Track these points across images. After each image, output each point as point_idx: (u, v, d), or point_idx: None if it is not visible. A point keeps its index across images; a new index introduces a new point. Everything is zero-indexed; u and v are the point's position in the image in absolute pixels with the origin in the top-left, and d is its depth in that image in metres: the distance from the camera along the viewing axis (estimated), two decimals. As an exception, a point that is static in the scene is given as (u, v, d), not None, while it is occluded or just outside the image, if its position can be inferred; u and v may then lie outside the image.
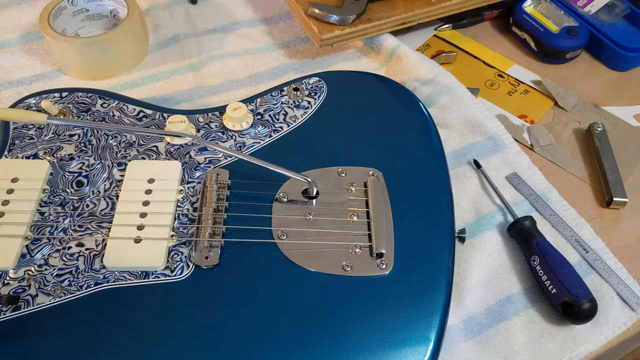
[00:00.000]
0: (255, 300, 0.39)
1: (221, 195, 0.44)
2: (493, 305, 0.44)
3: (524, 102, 0.61)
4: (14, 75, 0.59)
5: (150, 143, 0.47)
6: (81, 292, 0.39)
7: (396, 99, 0.52)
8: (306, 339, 0.37)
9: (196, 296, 0.39)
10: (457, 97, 0.57)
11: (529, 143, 0.56)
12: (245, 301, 0.39)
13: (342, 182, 0.46)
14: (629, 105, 0.61)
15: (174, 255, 0.41)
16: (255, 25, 0.66)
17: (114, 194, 0.44)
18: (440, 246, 0.42)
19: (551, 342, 0.43)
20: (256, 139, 0.48)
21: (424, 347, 0.38)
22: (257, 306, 0.39)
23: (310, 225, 0.43)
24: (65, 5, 0.59)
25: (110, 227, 0.42)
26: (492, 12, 0.69)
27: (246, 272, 0.40)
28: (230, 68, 0.61)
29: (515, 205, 0.50)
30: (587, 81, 0.63)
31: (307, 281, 0.40)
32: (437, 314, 0.39)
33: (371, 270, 0.41)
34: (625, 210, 0.52)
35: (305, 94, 0.52)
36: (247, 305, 0.39)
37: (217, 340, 0.37)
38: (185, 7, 0.67)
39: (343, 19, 0.58)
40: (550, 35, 0.63)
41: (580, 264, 0.47)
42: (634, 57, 0.63)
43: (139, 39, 0.60)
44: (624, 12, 0.66)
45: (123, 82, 0.59)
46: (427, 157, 0.48)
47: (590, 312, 0.42)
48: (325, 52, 0.63)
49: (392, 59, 0.61)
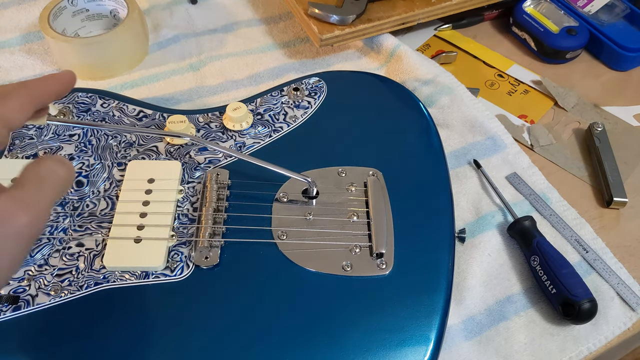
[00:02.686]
0: (255, 300, 0.39)
1: (221, 195, 0.44)
2: (493, 305, 0.44)
3: (524, 102, 0.61)
4: (14, 75, 0.59)
5: (150, 143, 0.47)
6: (81, 292, 0.39)
7: (396, 99, 0.52)
8: (306, 338, 0.37)
9: (196, 296, 0.39)
10: (457, 97, 0.57)
11: (529, 143, 0.56)
12: (245, 301, 0.39)
13: (342, 182, 0.46)
14: (629, 105, 0.61)
15: (174, 255, 0.41)
16: (255, 25, 0.66)
17: (114, 194, 0.44)
18: (440, 246, 0.42)
19: (551, 342, 0.43)
20: (256, 139, 0.48)
21: (424, 347, 0.38)
22: (257, 306, 0.39)
23: (310, 225, 0.43)
24: (65, 5, 0.59)
25: (110, 227, 0.42)
26: (492, 12, 0.69)
27: (246, 272, 0.40)
28: (230, 68, 0.61)
29: (515, 205, 0.50)
30: (587, 81, 0.63)
31: (307, 281, 0.40)
32: (437, 314, 0.39)
33: (371, 270, 0.41)
34: (625, 210, 0.52)
35: (305, 94, 0.52)
36: (247, 305, 0.39)
37: (217, 340, 0.37)
38: (185, 7, 0.67)
39: (343, 19, 0.58)
40: (550, 35, 0.63)
41: (580, 264, 0.47)
42: (634, 57, 0.63)
43: (139, 39, 0.60)
44: (624, 12, 0.66)
45: (123, 82, 0.59)
46: (427, 157, 0.48)
47: (590, 312, 0.42)
48: (325, 52, 0.63)
49: (392, 59, 0.61)
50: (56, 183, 0.27)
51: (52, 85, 0.32)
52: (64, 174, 0.28)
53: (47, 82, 0.32)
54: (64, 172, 0.28)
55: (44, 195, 0.26)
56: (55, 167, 0.28)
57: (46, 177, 0.27)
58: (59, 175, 0.28)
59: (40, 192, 0.26)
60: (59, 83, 0.32)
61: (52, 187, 0.27)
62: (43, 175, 0.27)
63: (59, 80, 0.32)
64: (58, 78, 0.33)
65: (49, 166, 0.27)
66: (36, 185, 0.26)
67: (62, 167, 0.28)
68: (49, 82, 0.32)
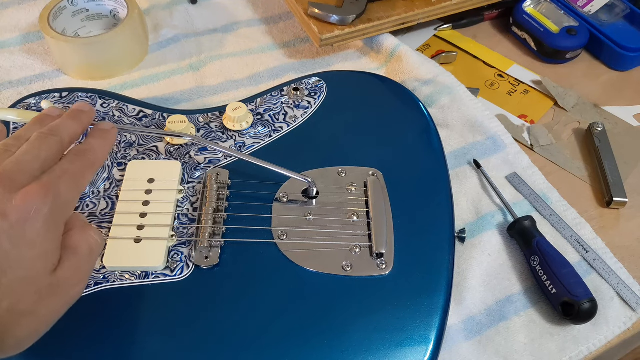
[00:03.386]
0: (255, 300, 0.39)
1: (221, 195, 0.44)
2: (493, 305, 0.44)
3: (524, 102, 0.61)
4: (14, 75, 0.59)
5: (150, 143, 0.47)
6: (81, 292, 0.39)
7: (396, 99, 0.52)
8: (306, 339, 0.37)
9: (196, 296, 0.39)
10: (457, 97, 0.57)
11: (529, 143, 0.56)
12: (245, 301, 0.39)
13: (342, 182, 0.45)
14: (629, 105, 0.61)
15: (174, 255, 0.41)
16: (255, 25, 0.66)
17: (114, 194, 0.44)
18: (440, 246, 0.42)
19: (551, 342, 0.43)
20: (256, 139, 0.48)
21: (424, 347, 0.38)
22: (257, 306, 0.39)
23: (310, 225, 0.43)
24: (65, 5, 0.59)
25: (110, 227, 0.42)
26: (492, 12, 0.69)
27: (246, 272, 0.40)
28: (230, 68, 0.61)
29: (515, 205, 0.50)
30: (587, 81, 0.63)
31: (307, 281, 0.40)
32: (437, 314, 0.39)
33: (371, 270, 0.41)
34: (625, 210, 0.52)
35: (305, 94, 0.52)
36: (247, 305, 0.39)
37: (217, 340, 0.37)
38: (185, 7, 0.67)
39: (343, 19, 0.58)
40: (550, 35, 0.63)
41: (580, 264, 0.47)
42: (634, 57, 0.63)
43: (139, 39, 0.60)
44: (624, 12, 0.66)
45: (123, 82, 0.59)
46: (427, 157, 0.48)
47: (590, 312, 0.42)
48: (325, 52, 0.63)
49: (392, 59, 0.61)
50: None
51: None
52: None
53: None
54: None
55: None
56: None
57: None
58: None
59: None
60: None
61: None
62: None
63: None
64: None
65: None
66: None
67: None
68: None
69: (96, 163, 0.33)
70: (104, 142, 0.34)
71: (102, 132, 0.35)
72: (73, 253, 0.29)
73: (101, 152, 0.33)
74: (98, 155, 0.33)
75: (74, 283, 0.29)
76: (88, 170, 0.32)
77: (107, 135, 0.35)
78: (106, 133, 0.35)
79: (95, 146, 0.33)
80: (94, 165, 0.32)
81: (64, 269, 0.28)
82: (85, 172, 0.32)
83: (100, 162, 0.33)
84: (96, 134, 0.34)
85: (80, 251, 0.29)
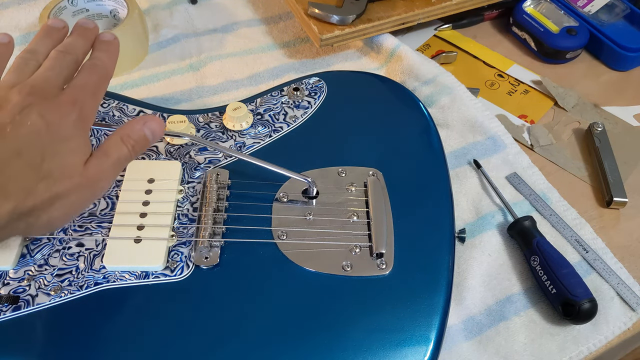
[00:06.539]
0: (255, 300, 0.39)
1: (221, 195, 0.44)
2: (493, 305, 0.44)
3: (524, 102, 0.61)
4: (14, 75, 0.59)
5: (150, 143, 0.47)
6: (81, 292, 0.39)
7: (396, 99, 0.52)
8: (306, 338, 0.37)
9: (196, 296, 0.39)
10: (457, 97, 0.57)
11: (529, 143, 0.56)
12: (245, 301, 0.39)
13: (342, 182, 0.45)
14: (629, 105, 0.61)
15: (174, 255, 0.41)
16: (255, 25, 0.66)
17: (114, 194, 0.44)
18: (440, 246, 0.42)
19: (551, 342, 0.43)
20: (256, 139, 0.48)
21: (424, 347, 0.38)
22: (257, 306, 0.39)
23: (310, 225, 0.43)
24: (65, 5, 0.59)
25: (110, 227, 0.42)
26: (492, 12, 0.69)
27: (246, 272, 0.40)
28: (230, 68, 0.61)
29: (515, 205, 0.50)
30: (587, 81, 0.63)
31: (307, 281, 0.40)
32: (437, 314, 0.39)
33: (371, 270, 0.41)
34: (625, 210, 0.52)
35: (305, 94, 0.52)
36: (247, 305, 0.39)
37: (217, 340, 0.37)
38: (185, 7, 0.67)
39: (343, 19, 0.58)
40: (550, 35, 0.63)
41: (580, 264, 0.47)
42: (634, 57, 0.63)
43: (139, 39, 0.60)
44: (624, 12, 0.66)
45: (123, 82, 0.59)
46: (427, 157, 0.48)
47: (590, 312, 0.42)
48: (325, 52, 0.63)
49: (392, 59, 0.61)
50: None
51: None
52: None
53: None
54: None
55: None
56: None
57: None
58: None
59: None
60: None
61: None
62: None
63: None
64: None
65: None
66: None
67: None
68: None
69: (109, 74, 0.37)
70: (111, 54, 0.38)
71: (106, 44, 0.38)
72: (103, 155, 0.34)
73: (110, 63, 0.37)
74: (108, 66, 0.37)
75: (99, 178, 0.34)
76: (103, 81, 0.36)
77: (112, 47, 0.38)
78: (110, 45, 0.38)
79: (105, 59, 0.37)
80: (107, 76, 0.37)
81: (92, 165, 0.34)
82: (101, 83, 0.36)
83: (112, 72, 0.37)
84: (102, 46, 0.38)
85: (110, 156, 0.35)
